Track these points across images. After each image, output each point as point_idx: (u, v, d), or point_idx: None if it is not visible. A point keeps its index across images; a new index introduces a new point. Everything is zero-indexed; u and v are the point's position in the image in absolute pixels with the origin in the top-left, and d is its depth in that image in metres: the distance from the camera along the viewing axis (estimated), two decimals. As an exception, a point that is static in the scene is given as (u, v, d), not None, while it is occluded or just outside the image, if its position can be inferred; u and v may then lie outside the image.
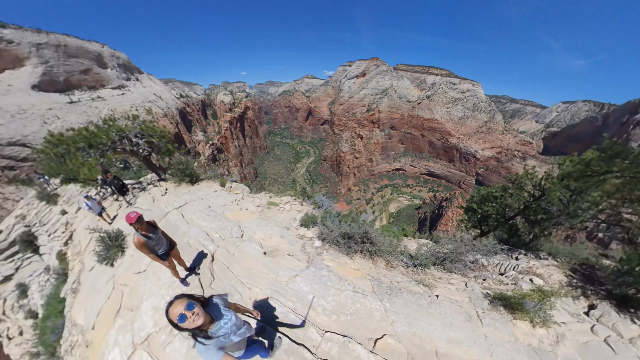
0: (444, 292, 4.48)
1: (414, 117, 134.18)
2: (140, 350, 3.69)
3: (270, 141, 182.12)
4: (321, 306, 3.87)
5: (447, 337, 3.57)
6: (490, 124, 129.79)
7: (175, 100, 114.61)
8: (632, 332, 4.09)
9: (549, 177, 11.40)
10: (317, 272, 4.57)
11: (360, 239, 5.29)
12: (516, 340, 3.61)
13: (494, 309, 4.09)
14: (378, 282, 4.50)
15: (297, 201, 8.67)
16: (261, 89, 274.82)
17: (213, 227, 6.12)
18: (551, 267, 5.67)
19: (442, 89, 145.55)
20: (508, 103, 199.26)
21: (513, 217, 13.18)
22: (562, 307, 4.43)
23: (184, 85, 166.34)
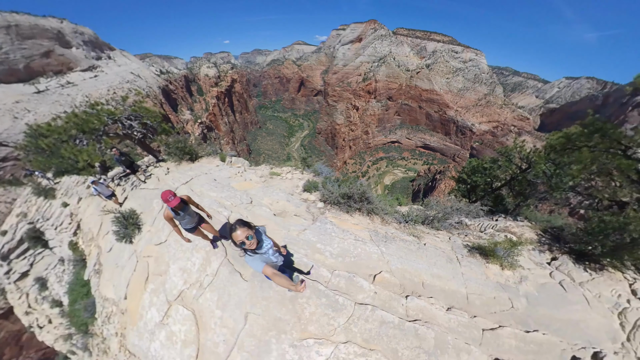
0: (430, 242, 5.24)
1: (412, 88, 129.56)
2: (175, 305, 4.14)
3: (262, 115, 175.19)
4: (328, 252, 4.52)
5: (432, 273, 4.33)
6: (489, 97, 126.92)
7: (155, 78, 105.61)
8: (583, 278, 4.95)
9: (536, 151, 11.98)
10: (322, 226, 5.20)
11: (359, 198, 5.89)
12: (487, 278, 4.41)
13: (471, 255, 4.87)
14: (375, 232, 5.21)
15: (298, 170, 9.18)
16: (247, 59, 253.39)
17: (223, 197, 6.51)
18: (525, 227, 6.42)
19: (444, 57, 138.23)
20: (510, 75, 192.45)
21: (499, 188, 14.00)
22: (529, 257, 5.21)
23: (163, 60, 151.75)
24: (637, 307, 4.78)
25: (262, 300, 3.72)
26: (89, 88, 61.73)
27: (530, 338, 3.51)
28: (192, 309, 4.00)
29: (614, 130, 5.88)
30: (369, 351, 3.12)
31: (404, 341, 3.19)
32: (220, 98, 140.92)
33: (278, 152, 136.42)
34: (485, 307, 3.89)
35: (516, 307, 3.92)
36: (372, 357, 3.08)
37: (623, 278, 5.34)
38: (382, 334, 3.27)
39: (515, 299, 4.04)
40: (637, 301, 4.86)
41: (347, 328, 3.33)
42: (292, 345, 3.24)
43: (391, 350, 3.14)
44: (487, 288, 4.18)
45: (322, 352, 3.13)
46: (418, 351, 3.11)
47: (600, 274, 5.20)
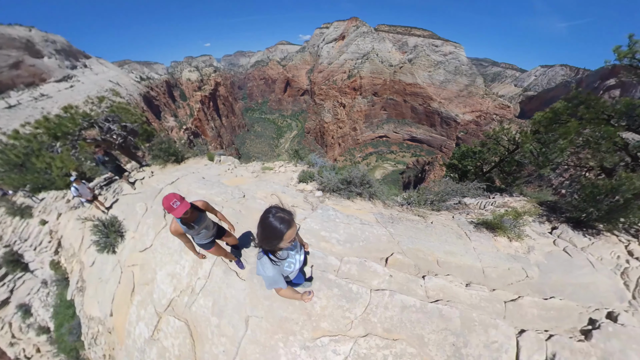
0: (436, 220, 5.17)
1: (396, 82, 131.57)
2: (165, 316, 3.75)
3: (249, 118, 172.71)
4: (335, 238, 4.27)
5: (444, 250, 4.20)
6: (471, 87, 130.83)
7: (135, 84, 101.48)
8: (584, 243, 5.05)
9: (522, 131, 12.35)
10: (324, 213, 4.96)
11: (360, 182, 5.75)
12: (497, 250, 4.37)
13: (478, 231, 4.85)
14: (380, 215, 5.05)
15: (291, 163, 8.91)
16: (230, 61, 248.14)
17: (213, 193, 6.19)
18: (522, 201, 6.53)
19: (425, 51, 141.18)
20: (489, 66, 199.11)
21: (490, 171, 14.35)
22: (531, 229, 5.27)
23: (142, 66, 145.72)
24: (636, 266, 4.90)
25: (263, 300, 3.35)
26: (65, 99, 58.18)
27: (550, 305, 3.48)
28: (185, 319, 3.60)
29: (597, 100, 6.09)
30: (392, 342, 2.84)
31: (429, 325, 2.94)
32: (204, 102, 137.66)
33: (268, 154, 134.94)
34: (502, 279, 3.79)
35: (530, 276, 3.90)
36: (396, 348, 2.79)
37: (618, 241, 5.49)
38: (405, 320, 3.00)
39: (528, 269, 4.03)
40: (635, 261, 4.99)
41: (365, 319, 3.02)
42: (303, 347, 2.88)
43: (416, 336, 2.87)
44: (500, 260, 4.12)
45: (339, 350, 2.79)
46: (445, 333, 2.87)
47: (598, 238, 5.32)
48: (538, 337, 2.92)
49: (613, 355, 3.29)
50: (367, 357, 2.75)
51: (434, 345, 2.81)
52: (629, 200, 4.84)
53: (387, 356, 2.75)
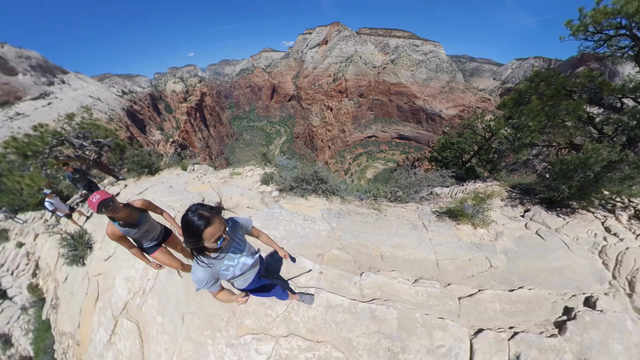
0: (393, 212, 4.83)
1: (381, 83, 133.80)
2: (121, 319, 3.74)
3: (237, 127, 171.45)
4: (272, 235, 4.20)
5: (392, 243, 3.87)
6: (452, 83, 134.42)
7: (117, 99, 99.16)
8: (557, 224, 4.72)
9: (496, 118, 12.30)
10: (269, 212, 4.89)
11: (311, 178, 5.61)
12: (459, 240, 4.00)
13: (440, 220, 4.50)
14: (328, 210, 4.81)
15: (259, 167, 8.87)
16: (215, 71, 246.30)
17: (174, 199, 6.34)
18: (494, 186, 6.21)
19: (406, 51, 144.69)
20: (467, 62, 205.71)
21: (469, 160, 14.25)
22: (502, 213, 4.91)
23: (124, 80, 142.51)
24: (614, 242, 4.58)
25: (196, 296, 3.31)
26: (42, 117, 56.01)
27: (516, 297, 3.05)
28: (136, 320, 3.61)
29: (556, 76, 5.93)
30: (316, 344, 2.60)
31: (357, 327, 2.65)
32: (191, 114, 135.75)
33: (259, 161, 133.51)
34: (461, 271, 3.43)
35: (495, 265, 3.48)
36: (320, 351, 2.55)
37: (594, 218, 5.20)
38: (330, 320, 2.75)
39: (493, 257, 3.62)
40: (613, 237, 4.67)
41: (287, 318, 2.84)
42: (229, 344, 2.78)
43: (343, 339, 2.61)
44: (460, 251, 3.76)
45: (262, 350, 2.64)
46: (378, 337, 2.58)
47: (573, 217, 5.01)
48: (498, 337, 2.50)
49: (592, 348, 2.87)
50: (288, 358, 2.58)
51: (365, 350, 2.55)
52: (600, 173, 4.56)
53: (309, 359, 2.56)
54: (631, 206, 5.92)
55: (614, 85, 4.91)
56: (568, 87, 5.45)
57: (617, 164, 4.17)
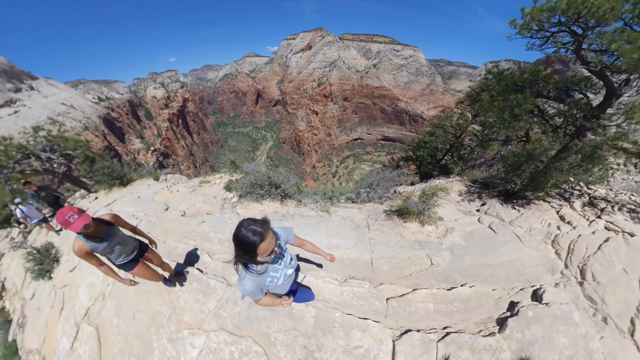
0: (342, 214, 4.87)
1: (364, 87, 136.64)
2: (82, 325, 3.76)
3: (222, 133, 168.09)
4: (217, 238, 4.41)
5: (328, 244, 3.91)
6: (432, 86, 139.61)
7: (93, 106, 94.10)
8: (512, 216, 4.73)
9: (463, 116, 12.68)
10: (220, 217, 5.06)
11: (265, 183, 5.73)
12: (402, 238, 3.94)
13: (388, 219, 4.46)
14: (274, 214, 5.00)
15: (229, 174, 8.99)
16: (198, 76, 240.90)
17: (139, 209, 6.37)
18: (454, 182, 6.23)
19: (387, 56, 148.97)
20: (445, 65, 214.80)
21: (443, 157, 14.52)
22: (457, 208, 4.87)
23: (100, 86, 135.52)
24: (567, 231, 4.62)
25: (144, 294, 3.44)
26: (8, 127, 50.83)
27: (454, 296, 2.90)
28: (95, 324, 3.68)
29: (505, 72, 6.10)
30: (239, 338, 2.77)
31: (275, 323, 2.76)
32: (172, 120, 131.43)
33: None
34: (397, 271, 3.35)
35: (437, 263, 3.36)
36: (242, 345, 2.71)
37: (550, 207, 5.28)
38: (252, 316, 2.89)
39: (435, 255, 3.50)
40: (567, 225, 4.73)
41: (217, 314, 3.01)
42: (170, 339, 2.94)
43: (262, 334, 2.74)
44: (400, 249, 3.67)
45: (195, 344, 2.81)
46: (294, 334, 2.65)
47: (528, 208, 5.05)
48: (426, 338, 2.36)
49: (534, 344, 2.74)
50: (216, 351, 2.73)
51: (283, 346, 2.64)
52: (549, 164, 4.63)
53: (233, 352, 2.70)
54: (586, 193, 6.10)
55: (557, 78, 5.06)
56: (517, 82, 5.58)
57: (564, 153, 4.24)
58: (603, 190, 6.58)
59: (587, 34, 4.97)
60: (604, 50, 4.72)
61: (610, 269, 4.03)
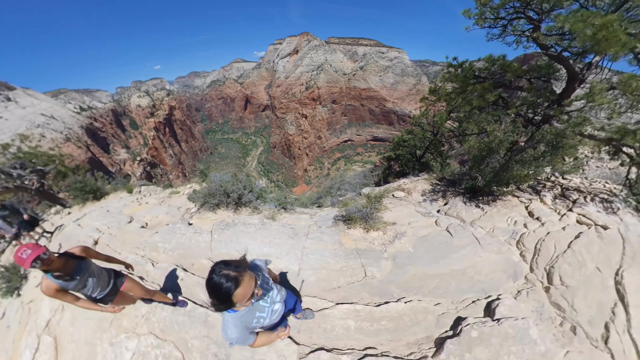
0: (286, 221, 4.81)
1: (352, 89, 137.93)
2: (43, 336, 3.79)
3: (211, 140, 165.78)
4: (163, 248, 4.55)
5: (260, 252, 3.93)
6: (418, 86, 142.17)
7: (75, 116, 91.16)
8: (474, 216, 4.31)
9: (436, 114, 12.52)
10: (172, 227, 5.18)
11: (220, 193, 5.76)
12: (341, 246, 3.69)
13: (335, 225, 4.21)
14: (221, 222, 5.03)
15: (198, 184, 8.95)
16: (184, 83, 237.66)
17: (104, 223, 6.46)
18: (420, 181, 5.84)
19: (373, 58, 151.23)
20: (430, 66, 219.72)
21: (423, 155, 14.28)
22: (416, 209, 4.43)
23: (82, 95, 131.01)
24: (535, 229, 4.21)
25: None
26: None
27: (382, 313, 2.53)
28: (54, 334, 3.74)
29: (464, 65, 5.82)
30: (163, 342, 2.92)
31: (192, 330, 2.89)
32: (159, 129, 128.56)
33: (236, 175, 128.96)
34: (324, 282, 3.11)
35: (372, 274, 2.95)
36: (165, 349, 2.86)
37: (519, 202, 4.90)
38: (174, 322, 3.05)
39: (372, 265, 3.09)
40: (535, 222, 4.32)
41: (147, 318, 3.17)
42: (110, 343, 3.09)
43: (182, 340, 2.87)
44: (333, 259, 3.40)
45: (129, 347, 2.98)
46: (207, 342, 2.75)
47: (494, 205, 4.65)
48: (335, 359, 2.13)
49: (478, 370, 2.27)
50: (145, 354, 2.85)
51: (198, 352, 2.73)
52: (511, 157, 4.26)
53: (158, 356, 2.81)
54: (559, 185, 5.77)
55: (516, 66, 4.76)
56: (477, 73, 5.26)
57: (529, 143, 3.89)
58: (578, 179, 6.31)
59: (543, 18, 4.67)
60: (561, 34, 4.40)
61: (581, 270, 3.60)
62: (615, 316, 3.10)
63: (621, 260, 3.75)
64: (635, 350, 2.83)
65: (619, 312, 3.12)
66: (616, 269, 3.62)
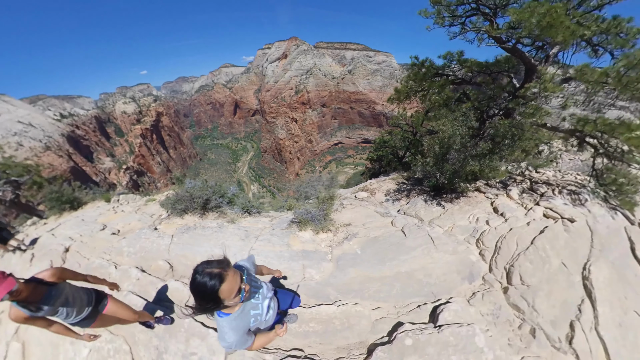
0: (244, 225, 4.84)
1: (341, 92, 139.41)
2: (12, 343, 3.79)
3: (200, 146, 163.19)
4: (127, 251, 4.67)
5: (209, 253, 4.14)
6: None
7: (55, 124, 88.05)
8: (433, 214, 4.15)
9: (413, 115, 12.61)
10: (139, 233, 5.24)
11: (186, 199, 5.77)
12: (288, 248, 3.71)
13: (289, 228, 4.18)
14: (184, 226, 5.14)
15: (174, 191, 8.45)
16: (172, 88, 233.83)
17: (77, 232, 6.50)
18: (387, 180, 5.72)
19: (361, 62, 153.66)
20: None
21: (404, 154, 14.29)
22: (376, 210, 4.26)
23: (62, 101, 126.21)
24: (497, 225, 4.07)
25: None
26: None
27: (311, 315, 2.48)
28: (22, 340, 3.72)
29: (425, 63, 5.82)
30: (115, 337, 3.06)
31: (138, 325, 3.00)
32: (146, 136, 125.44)
33: (227, 181, 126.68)
34: None
35: (310, 276, 2.96)
36: (116, 343, 3.00)
37: (485, 198, 4.78)
38: None
39: (312, 267, 3.05)
40: (499, 218, 4.18)
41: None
42: (71, 342, 3.15)
43: (130, 334, 3.04)
44: (277, 260, 3.39)
45: (87, 344, 3.05)
46: (151, 334, 2.92)
47: (456, 203, 4.52)
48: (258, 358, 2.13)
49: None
50: (99, 349, 3.01)
51: (142, 346, 2.87)
52: (469, 154, 4.14)
53: (110, 350, 2.97)
54: (529, 178, 5.72)
55: (473, 61, 4.71)
56: (437, 70, 5.21)
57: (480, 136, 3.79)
58: (551, 172, 6.32)
59: (497, 12, 4.64)
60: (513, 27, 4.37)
61: (544, 267, 3.46)
62: (581, 314, 2.98)
63: (589, 254, 3.66)
64: (603, 347, 2.69)
65: (586, 309, 3.01)
66: (583, 263, 3.52)
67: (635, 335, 3.13)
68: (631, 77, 3.56)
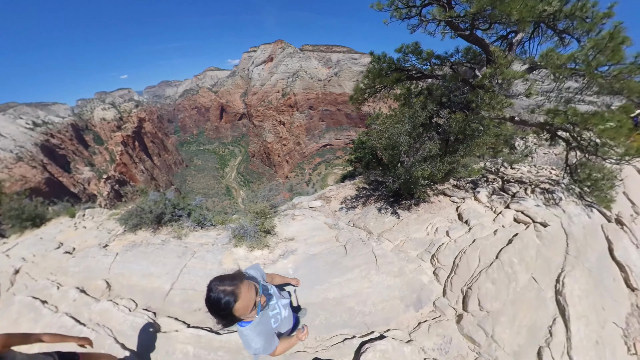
0: (189, 240, 4.81)
1: (328, 94, 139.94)
2: None
3: (186, 152, 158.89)
4: (73, 271, 4.57)
5: (145, 272, 4.03)
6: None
7: (27, 133, 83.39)
8: (385, 226, 3.67)
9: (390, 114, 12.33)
10: (87, 251, 5.10)
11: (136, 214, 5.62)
12: (220, 266, 3.59)
13: (229, 243, 4.01)
14: (130, 244, 5.04)
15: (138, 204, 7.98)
16: (155, 93, 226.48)
17: (31, 252, 6.33)
18: (347, 187, 5.28)
19: (347, 64, 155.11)
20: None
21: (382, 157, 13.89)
22: (325, 221, 3.83)
23: (35, 109, 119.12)
24: (458, 237, 3.58)
25: None
26: None
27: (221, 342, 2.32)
28: None
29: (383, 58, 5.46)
30: None
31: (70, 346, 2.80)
32: (127, 143, 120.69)
33: (215, 187, 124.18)
34: (186, 304, 3.32)
35: None
36: None
37: (451, 203, 4.32)
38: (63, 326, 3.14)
39: None
40: (462, 227, 3.70)
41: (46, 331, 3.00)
42: None
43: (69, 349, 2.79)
44: (205, 280, 3.22)
45: None
46: None
47: (415, 210, 4.04)
48: None
49: None
50: None
51: None
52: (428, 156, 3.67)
53: None
54: (501, 177, 5.36)
55: (429, 52, 4.32)
56: (394, 64, 4.80)
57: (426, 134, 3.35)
58: (526, 168, 6.05)
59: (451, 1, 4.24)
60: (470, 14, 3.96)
61: (510, 286, 2.98)
62: (552, 337, 2.57)
63: (563, 262, 3.30)
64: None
65: (558, 330, 2.62)
66: (557, 275, 3.14)
67: (613, 351, 2.73)
68: (600, 59, 3.24)
